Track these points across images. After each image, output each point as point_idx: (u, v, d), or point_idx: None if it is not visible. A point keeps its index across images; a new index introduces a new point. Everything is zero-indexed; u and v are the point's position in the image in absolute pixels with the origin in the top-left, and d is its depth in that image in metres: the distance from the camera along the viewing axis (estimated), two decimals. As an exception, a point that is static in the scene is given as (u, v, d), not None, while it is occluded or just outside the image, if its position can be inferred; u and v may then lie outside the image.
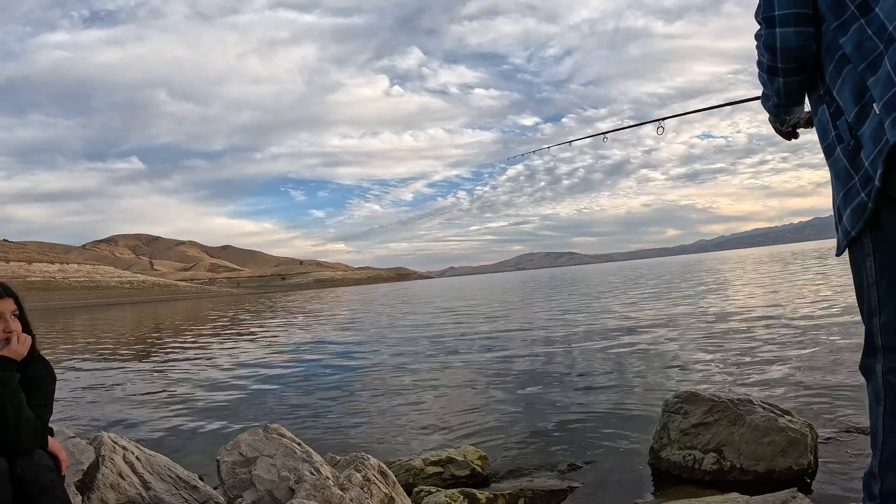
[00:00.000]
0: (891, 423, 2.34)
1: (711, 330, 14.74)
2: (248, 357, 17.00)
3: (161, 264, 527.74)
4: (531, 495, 4.84)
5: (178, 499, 4.09)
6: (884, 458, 2.38)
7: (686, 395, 5.62)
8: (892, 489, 2.38)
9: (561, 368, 11.11)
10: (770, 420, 5.11)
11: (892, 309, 2.30)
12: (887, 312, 2.31)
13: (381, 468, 4.09)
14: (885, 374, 2.34)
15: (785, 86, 2.60)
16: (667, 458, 5.38)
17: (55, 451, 3.10)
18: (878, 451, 2.41)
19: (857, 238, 2.34)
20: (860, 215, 2.27)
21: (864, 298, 2.40)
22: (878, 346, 2.37)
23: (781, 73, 2.54)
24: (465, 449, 5.94)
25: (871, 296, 2.36)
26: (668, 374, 9.74)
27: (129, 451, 4.29)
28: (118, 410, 10.10)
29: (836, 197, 2.42)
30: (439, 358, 13.91)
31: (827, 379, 8.34)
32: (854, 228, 2.31)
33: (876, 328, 2.36)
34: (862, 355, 2.48)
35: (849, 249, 2.43)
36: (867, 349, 2.44)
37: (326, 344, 19.20)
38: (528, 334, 17.30)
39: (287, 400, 10.26)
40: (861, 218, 2.27)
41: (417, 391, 10.09)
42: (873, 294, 2.35)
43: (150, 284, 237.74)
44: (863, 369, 2.50)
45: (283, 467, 3.91)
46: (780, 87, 2.62)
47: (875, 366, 2.39)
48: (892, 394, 2.33)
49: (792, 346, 11.33)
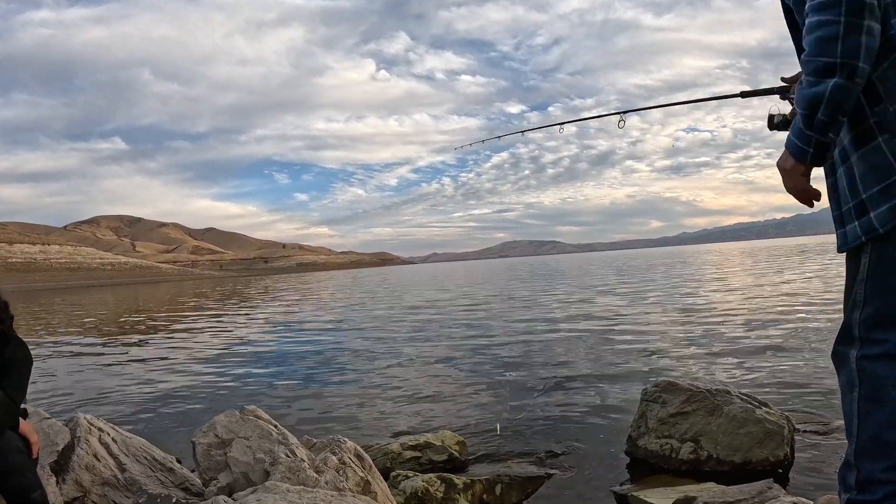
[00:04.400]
0: (866, 408, 2.36)
1: (691, 321, 14.83)
2: (227, 340, 16.93)
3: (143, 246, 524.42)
4: (508, 481, 4.84)
5: (153, 481, 4.06)
6: (859, 446, 2.40)
7: (664, 384, 5.64)
8: (868, 477, 2.38)
9: (541, 356, 11.13)
10: (747, 411, 5.13)
11: (875, 307, 2.35)
12: (869, 308, 2.35)
13: (358, 452, 4.07)
14: (858, 360, 2.38)
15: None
16: (644, 446, 5.40)
17: (26, 434, 3.07)
18: (853, 438, 2.43)
19: None
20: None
21: (853, 292, 2.43)
22: (854, 336, 2.41)
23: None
24: (442, 434, 5.93)
25: (858, 290, 2.39)
26: (646, 364, 9.78)
27: (105, 432, 4.25)
28: (96, 392, 10.02)
29: (862, 190, 2.32)
30: (419, 344, 13.91)
31: (805, 372, 8.41)
32: (884, 226, 2.26)
33: (856, 321, 2.40)
34: (835, 343, 2.51)
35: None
36: (842, 338, 2.47)
37: (307, 328, 19.15)
38: (509, 322, 17.32)
39: (265, 383, 10.22)
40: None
41: (396, 376, 10.08)
42: (861, 289, 2.38)
43: (132, 266, 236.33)
44: (835, 356, 2.53)
45: (258, 449, 3.88)
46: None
47: (849, 352, 2.42)
48: (866, 378, 2.36)
49: (771, 338, 11.39)
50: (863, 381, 2.36)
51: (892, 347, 2.33)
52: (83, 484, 3.79)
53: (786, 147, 2.36)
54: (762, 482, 3.69)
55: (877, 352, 2.35)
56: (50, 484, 3.58)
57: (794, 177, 2.36)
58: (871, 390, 2.35)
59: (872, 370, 2.35)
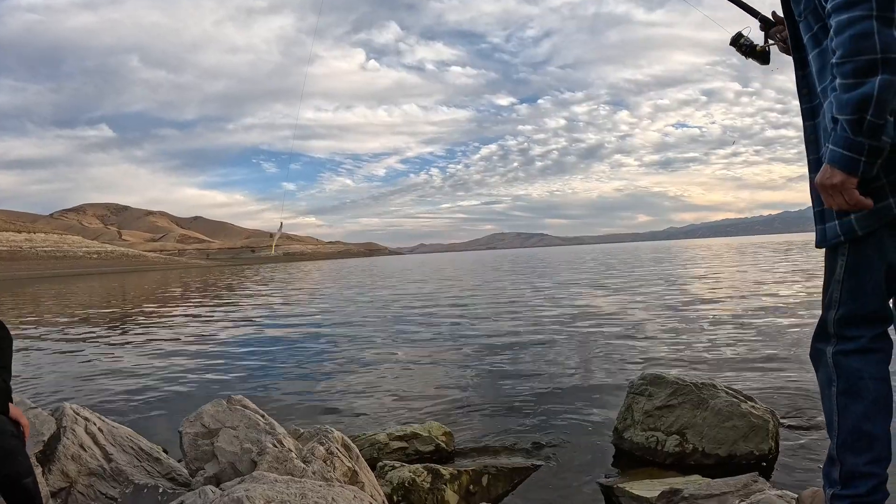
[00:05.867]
0: (844, 402, 2.45)
1: (678, 314, 14.90)
2: (215, 329, 16.89)
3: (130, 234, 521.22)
4: (495, 472, 4.85)
5: (140, 471, 4.05)
6: (840, 439, 2.45)
7: (651, 377, 5.67)
8: (851, 470, 2.42)
9: (527, 349, 11.15)
10: (733, 405, 5.17)
11: (849, 307, 2.44)
12: (844, 309, 2.45)
13: (345, 442, 4.07)
14: (834, 356, 2.48)
15: None
16: (630, 438, 5.43)
17: (16, 417, 3.03)
18: (834, 433, 2.49)
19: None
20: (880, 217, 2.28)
21: (829, 291, 2.51)
22: (830, 333, 2.51)
23: None
24: (429, 425, 5.95)
25: (834, 290, 2.47)
26: (633, 356, 9.81)
27: (91, 422, 4.23)
28: (82, 382, 9.97)
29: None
30: (406, 334, 13.93)
31: (790, 367, 8.46)
32: (863, 230, 2.31)
33: (831, 320, 2.49)
34: (812, 341, 2.61)
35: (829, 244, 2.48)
36: (819, 336, 2.57)
37: (294, 318, 19.13)
38: (496, 314, 17.33)
39: (253, 372, 10.21)
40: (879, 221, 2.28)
41: (383, 366, 10.09)
42: (837, 290, 2.46)
43: (119, 255, 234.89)
44: (813, 355, 2.62)
45: (245, 439, 3.87)
46: None
47: (825, 349, 2.52)
48: (842, 373, 2.45)
49: (757, 334, 11.46)
50: (840, 376, 2.45)
51: (865, 343, 2.44)
52: (69, 474, 3.78)
53: (828, 162, 2.19)
54: (747, 475, 3.71)
55: (851, 347, 2.45)
56: (36, 474, 3.57)
57: (846, 191, 2.17)
58: (848, 384, 2.44)
59: (848, 365, 2.44)
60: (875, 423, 2.41)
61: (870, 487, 2.40)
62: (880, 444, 2.42)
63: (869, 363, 2.42)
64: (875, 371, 2.42)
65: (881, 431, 2.41)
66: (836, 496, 2.47)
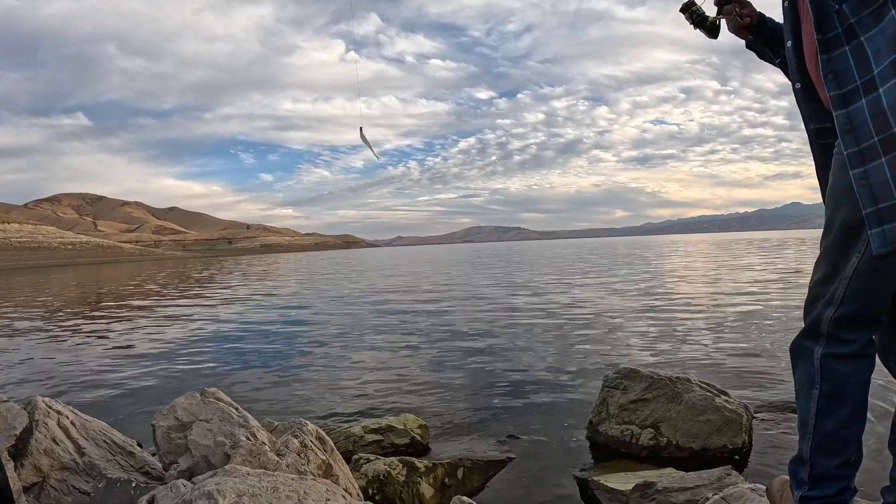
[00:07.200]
0: (825, 405, 2.35)
1: (653, 309, 14.99)
2: (188, 322, 16.77)
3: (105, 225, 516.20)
4: (470, 465, 4.86)
5: (113, 465, 4.01)
6: (815, 442, 2.37)
7: (626, 371, 5.70)
8: (822, 472, 2.39)
9: (503, 341, 11.18)
10: (707, 399, 5.21)
11: (852, 308, 2.28)
12: (846, 309, 2.29)
13: (320, 434, 4.05)
14: (822, 357, 2.34)
15: None
16: (605, 431, 5.46)
17: None
18: (808, 434, 2.40)
19: (860, 229, 2.19)
20: None
21: (831, 286, 2.34)
22: (822, 333, 2.35)
23: None
24: (405, 417, 5.94)
25: (838, 288, 2.31)
26: (608, 350, 9.86)
27: (63, 415, 4.18)
28: (54, 375, 9.86)
29: None
30: (382, 328, 13.90)
31: (763, 362, 8.56)
32: None
33: (828, 318, 2.33)
34: (798, 336, 2.46)
35: (848, 233, 2.27)
36: (808, 332, 2.42)
37: (269, 311, 19.03)
38: (472, 307, 17.37)
39: (227, 365, 10.14)
40: None
41: (359, 360, 10.06)
42: (841, 287, 2.30)
43: (94, 246, 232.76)
44: (795, 350, 2.49)
45: (219, 432, 3.84)
46: None
47: (814, 348, 2.38)
48: (829, 376, 2.33)
49: (733, 328, 11.57)
50: (825, 379, 2.34)
51: (858, 348, 2.31)
52: (42, 469, 3.74)
53: None
54: (721, 469, 3.74)
55: (843, 351, 2.32)
56: (8, 469, 3.52)
57: None
58: (832, 388, 2.33)
59: (837, 369, 2.33)
60: (853, 429, 2.36)
61: (838, 489, 2.38)
62: (853, 449, 2.37)
63: (858, 369, 2.33)
64: (862, 377, 2.34)
65: (856, 436, 2.37)
66: (804, 498, 2.44)
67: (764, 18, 2.82)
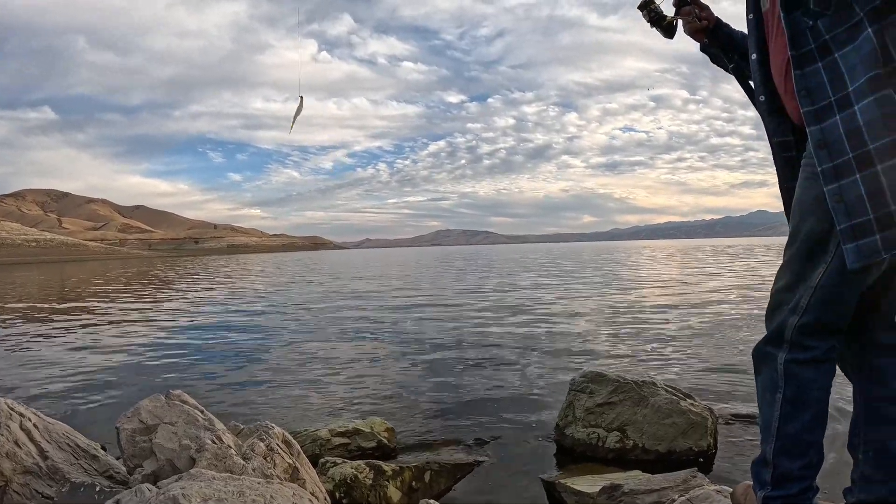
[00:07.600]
0: (789, 410, 2.39)
1: (619, 313, 15.10)
2: (154, 323, 16.55)
3: (70, 222, 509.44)
4: (437, 468, 4.85)
5: (76, 468, 3.95)
6: (778, 445, 2.42)
7: (592, 374, 5.74)
8: (785, 473, 2.43)
9: (470, 345, 11.19)
10: (672, 402, 5.26)
11: (816, 316, 2.33)
12: (810, 317, 2.33)
13: (286, 438, 4.03)
14: (786, 363, 2.39)
15: None
16: (571, 435, 5.48)
17: None
18: (771, 438, 2.44)
19: (827, 240, 2.24)
20: None
21: (795, 294, 2.38)
22: (786, 339, 2.40)
23: None
24: (371, 421, 5.92)
25: (803, 296, 2.35)
26: (574, 355, 9.91)
27: (26, 417, 4.11)
28: (16, 376, 9.68)
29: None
30: (348, 331, 13.82)
31: (727, 366, 8.67)
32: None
33: (792, 325, 2.37)
34: (762, 342, 2.51)
35: (814, 244, 2.30)
36: (772, 338, 2.46)
37: (235, 313, 18.85)
38: (439, 311, 17.35)
39: (193, 368, 10.02)
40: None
41: (325, 363, 10.00)
42: (806, 296, 2.34)
43: (58, 243, 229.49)
44: (758, 354, 2.54)
45: (184, 435, 3.80)
46: None
47: (777, 354, 2.42)
48: (792, 381, 2.38)
49: (698, 333, 11.70)
50: (788, 384, 2.38)
51: (819, 354, 2.35)
52: (4, 472, 3.67)
53: None
54: (686, 471, 3.77)
55: (806, 357, 2.36)
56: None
57: None
58: (795, 393, 2.37)
59: (800, 374, 2.37)
60: (815, 433, 2.41)
61: (800, 489, 2.42)
62: (815, 450, 2.43)
63: (820, 374, 2.38)
64: (825, 381, 2.39)
65: (818, 440, 2.43)
66: (768, 497, 2.48)
67: (721, 23, 2.87)
